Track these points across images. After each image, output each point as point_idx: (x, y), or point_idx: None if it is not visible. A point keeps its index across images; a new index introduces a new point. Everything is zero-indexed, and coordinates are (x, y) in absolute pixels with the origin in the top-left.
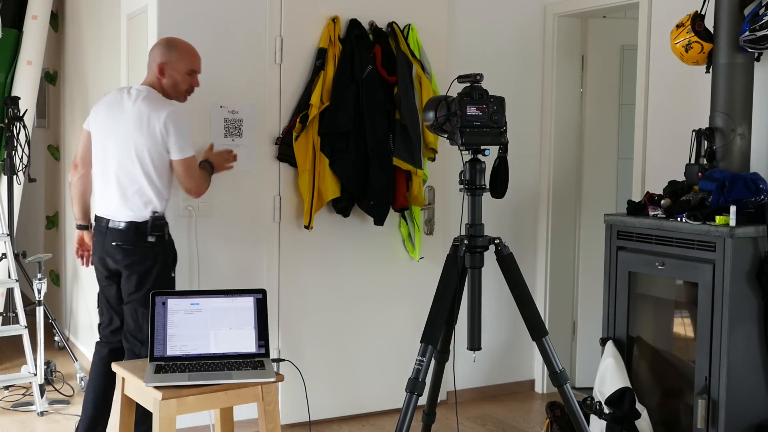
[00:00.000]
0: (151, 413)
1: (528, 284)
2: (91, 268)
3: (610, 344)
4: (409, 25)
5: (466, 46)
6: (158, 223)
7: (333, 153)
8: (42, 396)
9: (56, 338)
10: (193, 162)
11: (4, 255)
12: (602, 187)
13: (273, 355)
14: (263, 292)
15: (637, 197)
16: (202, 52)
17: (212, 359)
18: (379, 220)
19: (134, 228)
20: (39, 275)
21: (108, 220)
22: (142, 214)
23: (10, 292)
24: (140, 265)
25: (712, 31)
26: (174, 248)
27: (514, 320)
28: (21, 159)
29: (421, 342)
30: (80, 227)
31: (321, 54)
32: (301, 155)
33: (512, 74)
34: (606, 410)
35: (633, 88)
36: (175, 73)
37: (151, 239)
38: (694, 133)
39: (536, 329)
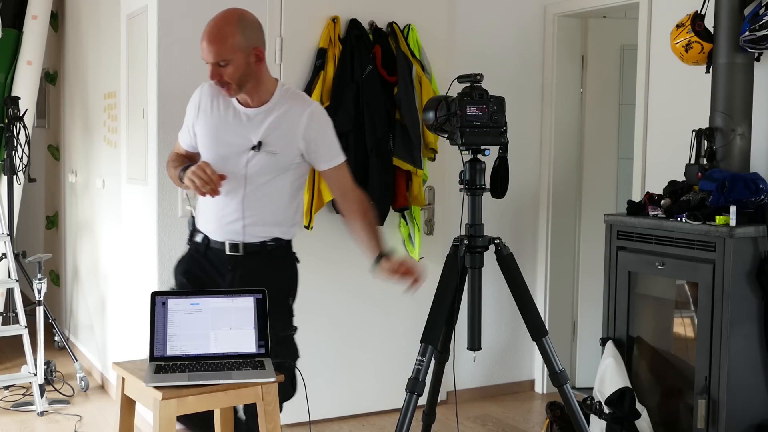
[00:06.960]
0: None
1: (528, 284)
2: (88, 268)
3: (610, 344)
4: (409, 25)
5: (466, 46)
6: None
7: None
8: (42, 396)
9: (56, 338)
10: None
11: (4, 255)
12: (602, 187)
13: (273, 354)
14: (263, 292)
15: (637, 197)
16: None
17: (212, 359)
18: (379, 220)
19: None
20: (39, 275)
21: None
22: None
23: (10, 292)
24: None
25: (712, 31)
26: None
27: (514, 320)
28: (21, 159)
29: (421, 342)
30: None
31: (321, 54)
32: None
33: (512, 74)
34: (606, 410)
35: (633, 88)
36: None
37: None
38: (694, 133)
39: (536, 329)
